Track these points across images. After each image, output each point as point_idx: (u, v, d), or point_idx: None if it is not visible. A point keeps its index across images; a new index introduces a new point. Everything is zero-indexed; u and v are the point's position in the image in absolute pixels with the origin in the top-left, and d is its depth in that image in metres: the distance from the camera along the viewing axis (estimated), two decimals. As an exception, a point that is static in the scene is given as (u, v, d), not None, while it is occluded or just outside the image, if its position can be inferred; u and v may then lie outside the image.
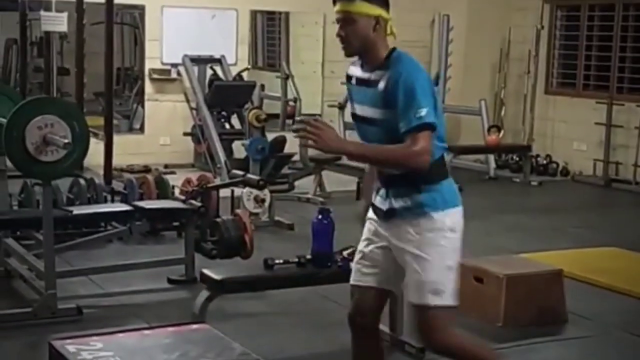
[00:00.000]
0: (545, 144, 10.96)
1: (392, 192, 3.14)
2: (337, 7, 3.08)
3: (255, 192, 6.88)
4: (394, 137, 3.00)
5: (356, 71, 3.19)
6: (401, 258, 3.15)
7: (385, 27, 3.09)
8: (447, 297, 3.10)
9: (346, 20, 3.05)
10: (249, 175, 6.32)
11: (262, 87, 11.45)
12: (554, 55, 11.10)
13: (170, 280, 5.49)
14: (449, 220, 3.09)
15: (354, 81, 3.20)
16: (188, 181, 6.96)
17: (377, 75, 3.06)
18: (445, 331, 3.14)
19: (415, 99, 2.96)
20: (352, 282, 3.31)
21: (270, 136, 8.96)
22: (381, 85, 3.03)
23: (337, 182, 8.56)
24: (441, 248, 3.08)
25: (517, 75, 11.30)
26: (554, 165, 10.62)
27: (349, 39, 3.08)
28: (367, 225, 3.29)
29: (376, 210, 3.22)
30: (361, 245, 3.31)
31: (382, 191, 3.18)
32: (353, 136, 3.32)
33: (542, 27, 10.88)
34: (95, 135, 7.57)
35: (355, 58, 3.20)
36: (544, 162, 10.70)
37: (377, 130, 3.09)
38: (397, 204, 3.12)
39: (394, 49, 3.13)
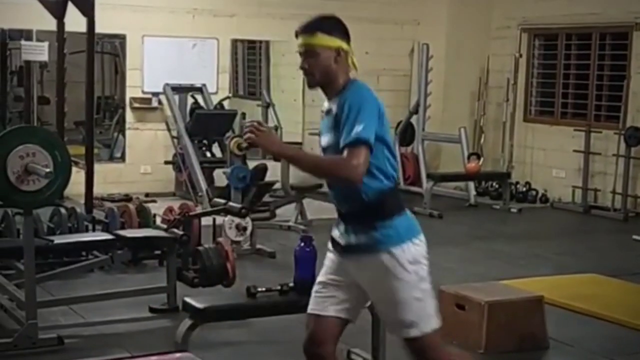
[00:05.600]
0: (524, 171, 11.04)
1: (350, 228, 3.19)
2: (299, 40, 3.16)
3: (237, 220, 6.89)
4: None
5: (325, 105, 3.25)
6: (366, 292, 3.19)
7: (346, 58, 3.15)
8: (424, 326, 3.13)
9: (308, 53, 3.14)
10: (231, 204, 6.33)
11: (243, 115, 11.47)
12: (532, 83, 11.20)
13: (152, 309, 5.47)
14: (408, 254, 3.11)
15: (322, 116, 3.27)
16: (170, 210, 6.96)
17: (333, 103, 3.15)
18: (435, 352, 3.16)
19: (356, 117, 3.02)
20: (310, 311, 3.28)
21: (251, 164, 8.97)
22: (334, 109, 3.12)
23: (318, 209, 8.58)
24: (404, 283, 3.10)
25: (496, 103, 11.40)
26: (534, 192, 10.69)
27: (311, 71, 3.16)
28: (328, 255, 3.32)
29: (335, 243, 3.26)
30: (321, 275, 3.32)
31: (342, 226, 3.23)
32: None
33: (521, 56, 10.99)
34: (76, 164, 7.55)
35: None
36: (524, 189, 10.77)
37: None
38: (355, 240, 3.17)
39: (351, 79, 3.18)
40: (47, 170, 4.43)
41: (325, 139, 3.20)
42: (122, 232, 5.89)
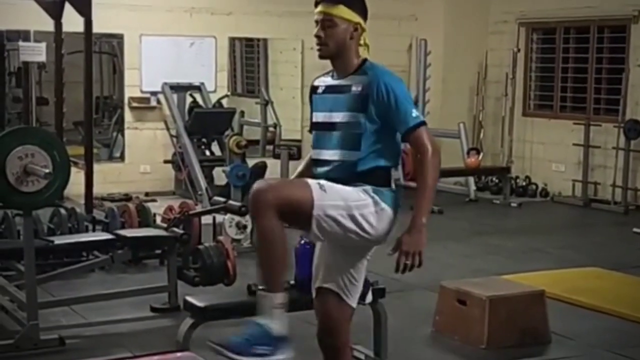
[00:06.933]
0: (524, 165, 11.04)
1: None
2: (319, 8, 3.16)
3: (237, 218, 6.88)
4: (350, 140, 3.10)
5: (325, 80, 3.25)
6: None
7: (360, 36, 3.16)
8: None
9: (326, 22, 3.13)
10: (231, 202, 6.32)
11: (242, 113, 11.49)
12: (530, 77, 11.20)
13: (153, 309, 5.46)
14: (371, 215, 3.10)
15: (320, 90, 3.25)
16: (170, 209, 6.95)
17: (350, 81, 3.14)
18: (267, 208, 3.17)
19: (405, 103, 3.10)
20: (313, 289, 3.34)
21: (250, 162, 8.98)
22: (355, 88, 3.11)
23: (318, 207, 8.57)
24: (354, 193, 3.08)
25: (494, 98, 11.39)
26: (533, 186, 10.68)
27: (326, 41, 3.15)
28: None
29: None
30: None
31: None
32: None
33: (519, 50, 10.99)
34: (75, 164, 7.54)
35: (322, 71, 3.27)
36: (524, 183, 10.77)
37: (336, 135, 3.15)
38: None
39: (365, 59, 3.20)
40: (46, 170, 4.43)
41: (334, 116, 3.16)
42: (122, 232, 5.88)
